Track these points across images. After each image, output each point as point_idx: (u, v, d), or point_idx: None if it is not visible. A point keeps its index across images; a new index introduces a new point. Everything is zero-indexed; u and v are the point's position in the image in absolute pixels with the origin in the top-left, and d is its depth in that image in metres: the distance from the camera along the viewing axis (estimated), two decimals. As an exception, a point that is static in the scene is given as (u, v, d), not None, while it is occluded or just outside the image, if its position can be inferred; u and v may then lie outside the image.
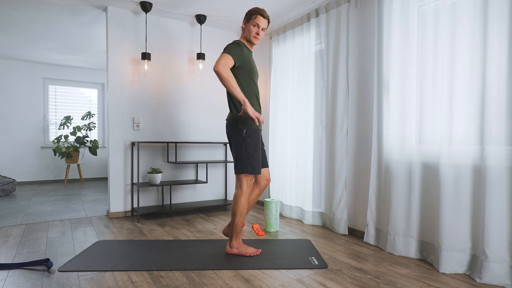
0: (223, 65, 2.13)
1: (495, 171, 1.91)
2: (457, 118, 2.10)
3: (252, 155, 2.28)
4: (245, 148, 2.27)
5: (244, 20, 2.37)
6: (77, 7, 3.44)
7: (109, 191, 3.50)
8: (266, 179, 2.54)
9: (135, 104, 3.59)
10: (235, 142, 2.31)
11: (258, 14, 2.31)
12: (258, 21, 2.31)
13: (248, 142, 2.27)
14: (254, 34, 2.33)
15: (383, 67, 2.55)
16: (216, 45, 4.11)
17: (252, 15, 2.32)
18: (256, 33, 2.33)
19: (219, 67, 2.12)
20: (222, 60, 2.15)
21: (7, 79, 5.84)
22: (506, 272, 1.89)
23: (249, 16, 2.34)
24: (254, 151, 2.29)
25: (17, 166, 5.96)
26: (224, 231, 2.63)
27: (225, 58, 2.16)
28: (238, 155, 2.30)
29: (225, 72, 2.13)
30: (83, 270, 2.07)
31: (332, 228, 3.03)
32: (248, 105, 2.15)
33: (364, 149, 2.85)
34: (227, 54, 2.18)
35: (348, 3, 2.90)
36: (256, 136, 2.30)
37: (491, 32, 1.91)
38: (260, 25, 2.32)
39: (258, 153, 2.31)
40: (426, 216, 2.33)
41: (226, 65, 2.15)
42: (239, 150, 2.29)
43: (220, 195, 4.19)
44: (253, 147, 2.28)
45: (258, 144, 2.32)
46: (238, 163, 2.30)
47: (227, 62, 2.17)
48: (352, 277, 2.01)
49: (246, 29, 2.35)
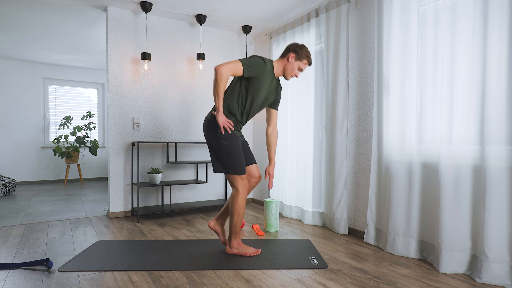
0: (226, 69, 2.06)
1: (495, 171, 1.90)
2: (457, 118, 2.10)
3: (231, 155, 2.19)
4: (223, 149, 2.19)
5: (292, 53, 2.24)
6: (77, 7, 3.44)
7: (109, 191, 3.50)
8: (254, 177, 2.44)
9: (135, 104, 3.59)
10: (212, 142, 2.22)
11: (309, 61, 2.27)
12: (305, 66, 2.28)
13: (224, 144, 2.18)
14: (293, 74, 2.27)
15: (383, 67, 2.55)
16: (216, 45, 4.11)
17: (304, 58, 2.25)
18: (295, 75, 2.28)
19: (221, 68, 2.05)
20: (230, 65, 2.08)
21: (7, 79, 5.84)
22: (506, 272, 1.89)
23: (300, 55, 2.24)
24: (233, 151, 2.19)
25: (17, 166, 5.96)
26: (210, 224, 2.46)
27: (234, 64, 2.09)
28: (215, 154, 2.23)
29: (222, 75, 2.05)
30: (83, 270, 2.07)
31: (332, 228, 3.03)
32: (219, 114, 2.13)
33: (364, 149, 2.84)
34: (240, 63, 2.10)
35: (348, 3, 2.90)
36: (232, 136, 2.20)
37: (491, 32, 1.91)
38: (303, 70, 2.29)
39: (238, 152, 2.21)
40: (426, 216, 2.33)
41: (229, 70, 2.07)
42: (216, 150, 2.22)
43: (220, 195, 4.19)
44: (230, 147, 2.19)
45: (237, 144, 2.22)
46: (217, 162, 2.23)
47: (233, 69, 2.09)
48: (352, 277, 2.01)
49: (290, 63, 2.24)
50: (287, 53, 2.27)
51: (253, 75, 2.15)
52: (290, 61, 2.25)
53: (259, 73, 2.16)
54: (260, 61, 2.17)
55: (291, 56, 2.24)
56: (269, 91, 2.31)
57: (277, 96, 2.41)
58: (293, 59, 2.25)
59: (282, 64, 2.28)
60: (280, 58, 2.31)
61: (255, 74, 2.15)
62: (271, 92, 2.32)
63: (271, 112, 2.46)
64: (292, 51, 2.25)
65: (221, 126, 2.14)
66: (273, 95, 2.37)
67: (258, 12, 3.58)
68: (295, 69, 2.26)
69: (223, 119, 2.14)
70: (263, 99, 2.30)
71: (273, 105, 2.44)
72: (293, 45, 2.28)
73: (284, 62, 2.28)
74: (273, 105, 2.44)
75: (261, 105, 2.33)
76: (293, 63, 2.25)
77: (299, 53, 2.24)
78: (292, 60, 2.25)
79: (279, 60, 2.30)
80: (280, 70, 2.29)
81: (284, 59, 2.28)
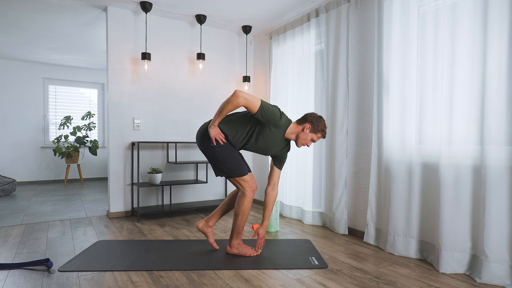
0: (243, 99, 2.03)
1: (495, 171, 1.91)
2: (457, 118, 2.10)
3: (227, 160, 2.20)
4: (218, 155, 2.20)
5: (308, 125, 2.21)
6: (77, 7, 3.44)
7: (109, 191, 3.50)
8: None
9: (135, 104, 3.59)
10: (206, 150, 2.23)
11: (323, 135, 2.26)
12: (318, 139, 2.29)
13: (218, 150, 2.19)
14: (305, 143, 2.26)
15: (383, 67, 2.55)
16: (216, 45, 4.11)
17: (319, 132, 2.24)
18: (307, 145, 2.27)
19: (240, 95, 2.02)
20: (250, 98, 2.05)
21: (7, 79, 5.84)
22: (506, 272, 1.89)
23: (316, 129, 2.22)
24: (228, 155, 2.20)
25: (17, 166, 5.96)
26: (198, 225, 2.44)
27: (253, 100, 2.05)
28: (214, 162, 2.24)
29: (237, 101, 2.03)
30: (83, 270, 2.07)
31: (332, 228, 3.03)
32: (212, 127, 2.14)
33: (364, 149, 2.85)
34: (259, 103, 2.07)
35: (348, 3, 2.90)
36: (224, 144, 2.21)
37: (491, 32, 1.91)
38: (316, 141, 2.30)
39: (234, 155, 2.22)
40: (426, 216, 2.33)
41: (246, 101, 2.04)
42: (212, 157, 2.22)
43: (220, 195, 4.19)
44: (225, 151, 2.20)
45: (230, 148, 2.22)
46: (217, 169, 2.25)
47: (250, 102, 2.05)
48: (352, 277, 2.01)
49: (304, 133, 2.22)
50: (304, 123, 2.23)
51: (262, 120, 2.12)
52: (305, 131, 2.23)
53: (268, 122, 2.13)
54: (278, 112, 2.14)
55: (307, 127, 2.22)
56: (275, 143, 2.26)
57: (282, 153, 2.35)
58: (308, 130, 2.23)
59: (296, 131, 2.25)
60: (296, 124, 2.26)
61: (264, 121, 2.12)
62: (276, 145, 2.28)
63: (274, 170, 2.38)
64: (309, 122, 2.22)
65: (213, 138, 2.15)
66: (277, 150, 2.31)
67: (258, 12, 3.58)
68: (308, 140, 2.24)
69: (215, 132, 2.15)
70: (266, 146, 2.26)
71: (277, 163, 2.38)
72: (311, 116, 2.25)
73: (298, 130, 2.25)
74: (277, 163, 2.38)
75: (262, 150, 2.30)
76: (307, 134, 2.23)
77: (315, 127, 2.22)
78: (307, 131, 2.23)
79: (295, 125, 2.26)
80: (293, 135, 2.26)
81: (299, 127, 2.25)
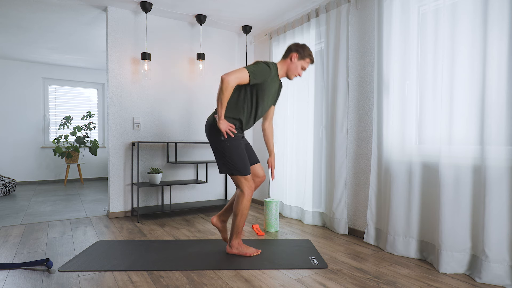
0: (233, 78, 2.05)
1: (495, 171, 1.90)
2: (457, 118, 2.10)
3: (234, 156, 2.19)
4: (227, 150, 2.19)
5: (295, 53, 2.25)
6: (77, 7, 3.44)
7: (109, 191, 3.50)
8: (258, 176, 2.45)
9: (135, 104, 3.59)
10: (215, 144, 2.23)
11: (311, 60, 2.28)
12: (308, 65, 2.30)
13: (228, 145, 2.18)
14: (296, 73, 2.29)
15: (383, 67, 2.55)
16: (216, 45, 4.11)
17: (307, 57, 2.26)
18: (299, 74, 2.29)
19: (228, 77, 2.04)
20: (236, 74, 2.06)
21: (7, 79, 5.84)
22: (506, 272, 1.89)
23: (303, 54, 2.25)
24: (236, 151, 2.20)
25: (17, 166, 5.96)
26: (213, 220, 2.45)
27: (240, 73, 2.07)
28: (221, 157, 2.22)
29: (228, 84, 2.04)
30: (83, 270, 2.07)
31: (332, 228, 3.03)
32: (221, 121, 2.13)
33: (364, 149, 2.85)
34: (246, 71, 2.10)
35: (348, 3, 2.90)
36: (234, 138, 2.21)
37: (491, 32, 1.91)
38: (306, 69, 2.29)
39: (241, 153, 2.22)
40: (426, 216, 2.33)
41: (236, 79, 2.06)
42: (219, 152, 2.22)
43: (220, 195, 4.19)
44: (234, 147, 2.19)
45: (240, 144, 2.23)
46: (222, 165, 2.24)
47: (240, 77, 2.08)
48: (352, 277, 2.01)
49: (293, 63, 2.26)
50: (289, 53, 2.29)
51: (259, 81, 2.16)
52: (293, 61, 2.27)
53: (265, 80, 2.17)
54: (265, 67, 2.17)
55: (294, 56, 2.26)
56: (274, 93, 2.34)
57: (278, 94, 2.45)
58: (296, 59, 2.27)
59: (285, 65, 2.30)
60: (282, 60, 2.33)
61: (261, 81, 2.16)
62: (275, 93, 2.36)
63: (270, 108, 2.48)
64: (295, 51, 2.27)
65: (224, 132, 2.15)
66: (276, 94, 2.41)
67: (258, 12, 3.58)
68: (298, 69, 2.28)
69: (225, 125, 2.15)
70: (268, 101, 2.33)
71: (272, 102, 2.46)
72: (295, 45, 2.30)
73: (287, 62, 2.30)
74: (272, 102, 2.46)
75: (267, 106, 2.37)
76: (296, 63, 2.27)
77: (301, 52, 2.27)
78: (295, 60, 2.27)
79: (281, 62, 2.32)
80: (283, 71, 2.31)
81: (287, 60, 2.30)
